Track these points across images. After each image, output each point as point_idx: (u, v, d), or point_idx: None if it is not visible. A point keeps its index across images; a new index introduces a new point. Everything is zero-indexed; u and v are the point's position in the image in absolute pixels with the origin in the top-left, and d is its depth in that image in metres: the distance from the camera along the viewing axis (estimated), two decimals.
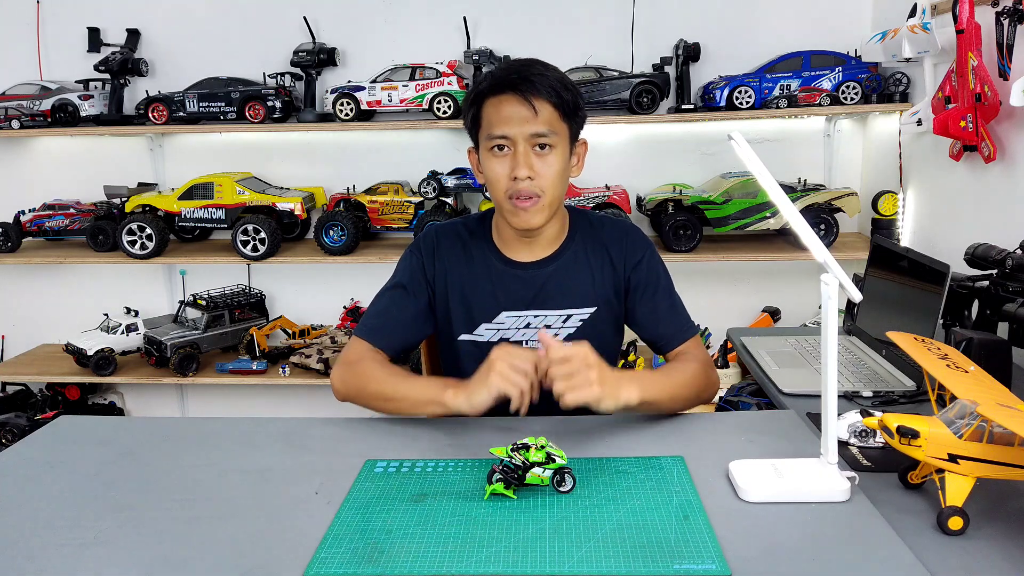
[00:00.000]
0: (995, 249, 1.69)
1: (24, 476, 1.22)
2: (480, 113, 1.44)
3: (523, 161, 1.40)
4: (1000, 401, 1.01)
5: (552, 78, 1.41)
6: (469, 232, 1.58)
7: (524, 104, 1.38)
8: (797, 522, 1.02)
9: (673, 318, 1.54)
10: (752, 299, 3.15)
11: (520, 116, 1.39)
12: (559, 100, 1.40)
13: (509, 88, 1.39)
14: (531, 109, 1.38)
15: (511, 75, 1.40)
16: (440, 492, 1.13)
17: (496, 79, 1.42)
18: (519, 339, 1.53)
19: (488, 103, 1.42)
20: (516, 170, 1.40)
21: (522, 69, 1.41)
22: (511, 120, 1.39)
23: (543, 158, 1.42)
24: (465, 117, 1.49)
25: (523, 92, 1.38)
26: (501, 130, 1.40)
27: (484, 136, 1.43)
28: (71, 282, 3.42)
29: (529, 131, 1.39)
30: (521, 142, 1.40)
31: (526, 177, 1.40)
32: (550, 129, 1.40)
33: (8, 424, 3.02)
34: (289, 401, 3.41)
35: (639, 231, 1.61)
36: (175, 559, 0.98)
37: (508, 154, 1.42)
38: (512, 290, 1.52)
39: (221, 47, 3.14)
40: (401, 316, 1.54)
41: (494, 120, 1.41)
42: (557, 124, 1.41)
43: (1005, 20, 1.88)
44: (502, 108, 1.40)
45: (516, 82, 1.39)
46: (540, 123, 1.40)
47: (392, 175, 3.15)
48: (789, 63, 2.81)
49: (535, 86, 1.39)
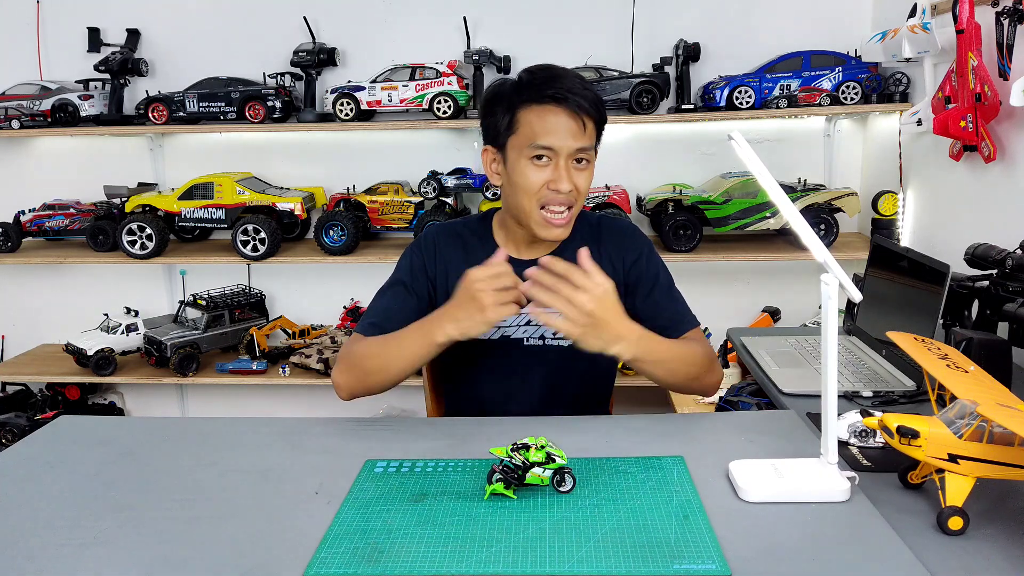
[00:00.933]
0: (995, 249, 1.69)
1: (24, 476, 1.22)
2: (516, 118, 1.42)
3: (566, 175, 1.40)
4: (1000, 401, 1.01)
5: (593, 93, 1.42)
6: (470, 231, 1.58)
7: (575, 119, 1.39)
8: (797, 522, 1.02)
9: (674, 311, 1.54)
10: (752, 299, 3.15)
11: (569, 130, 1.39)
12: (600, 117, 1.43)
13: (558, 100, 1.38)
14: (580, 124, 1.39)
15: (559, 87, 1.39)
16: (440, 492, 1.13)
17: (543, 88, 1.40)
18: (519, 335, 1.53)
19: (530, 110, 1.40)
20: (559, 183, 1.40)
21: (567, 81, 1.40)
22: (559, 132, 1.39)
23: (581, 172, 1.43)
24: (495, 118, 1.45)
25: (574, 107, 1.38)
26: (547, 141, 1.39)
27: (523, 143, 1.41)
28: (71, 282, 3.42)
29: (576, 145, 1.40)
30: (564, 155, 1.40)
31: (568, 191, 1.41)
32: (591, 144, 1.43)
33: (8, 424, 3.03)
34: (289, 401, 3.41)
35: (637, 230, 1.61)
36: (175, 559, 0.98)
37: (548, 164, 1.41)
38: None
39: (221, 47, 3.15)
40: (402, 314, 1.52)
41: (539, 130, 1.39)
42: (595, 139, 1.44)
43: (1005, 20, 1.88)
44: (548, 119, 1.39)
45: (566, 95, 1.38)
46: (586, 138, 1.41)
47: (392, 175, 3.15)
48: (789, 63, 2.81)
49: (586, 101, 1.39)
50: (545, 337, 1.52)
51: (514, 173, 1.44)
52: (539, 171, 1.41)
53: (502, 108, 1.44)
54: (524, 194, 1.43)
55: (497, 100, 1.45)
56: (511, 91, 1.43)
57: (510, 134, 1.43)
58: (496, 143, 1.47)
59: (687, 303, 1.57)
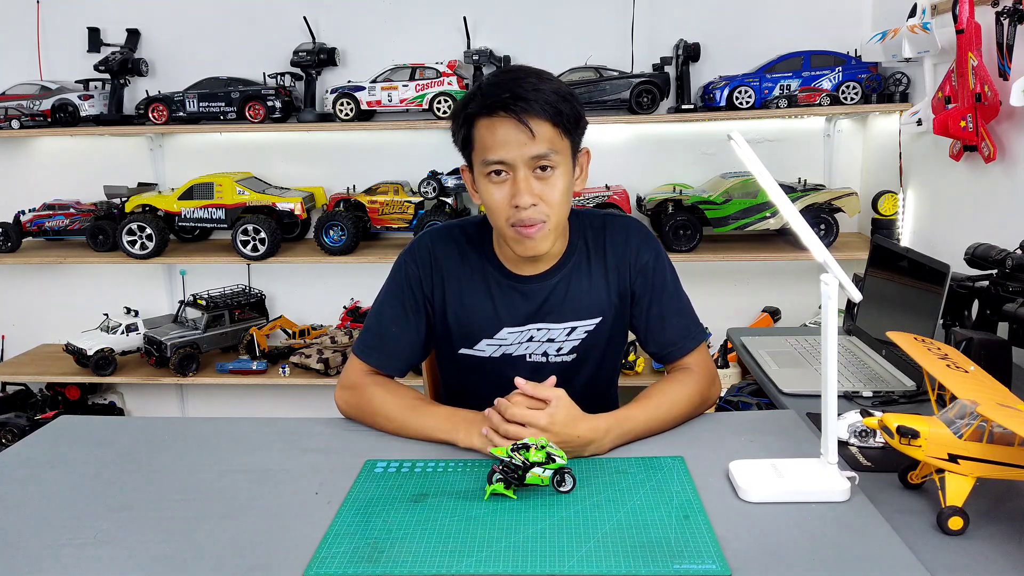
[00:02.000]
0: (995, 249, 1.69)
1: (24, 476, 1.22)
2: (471, 134, 1.32)
3: (524, 187, 1.28)
4: (1000, 401, 1.01)
5: (548, 91, 1.28)
6: (467, 239, 1.48)
7: (519, 126, 1.26)
8: (797, 522, 1.02)
9: (681, 328, 1.47)
10: (752, 299, 3.15)
11: (517, 139, 1.27)
12: (557, 117, 1.28)
13: (501, 108, 1.26)
14: (527, 131, 1.26)
15: (502, 93, 1.27)
16: (440, 492, 1.13)
17: (486, 98, 1.28)
18: (521, 352, 1.46)
19: (480, 124, 1.30)
20: (518, 198, 1.28)
21: (513, 85, 1.27)
22: (507, 144, 1.27)
23: (546, 180, 1.30)
24: (455, 136, 1.37)
25: (517, 113, 1.26)
26: (497, 155, 1.28)
27: (479, 160, 1.32)
28: (71, 282, 3.42)
29: (528, 154, 1.28)
30: (521, 167, 1.28)
31: (530, 205, 1.29)
32: (551, 149, 1.29)
33: (8, 424, 3.02)
34: (289, 401, 3.41)
35: (644, 230, 1.51)
36: (175, 559, 0.98)
37: (507, 179, 1.30)
38: (514, 305, 1.44)
39: (221, 47, 3.14)
40: (401, 336, 1.46)
41: (489, 144, 1.29)
42: (558, 142, 1.30)
43: (1005, 20, 1.88)
44: (496, 131, 1.28)
45: (508, 101, 1.26)
46: (539, 145, 1.28)
47: (392, 175, 3.15)
48: (789, 63, 2.81)
49: (530, 104, 1.26)
50: (548, 354, 1.47)
51: (480, 191, 1.35)
52: (499, 188, 1.31)
53: (457, 124, 1.35)
54: (492, 214, 1.34)
55: (455, 115, 1.35)
56: (462, 105, 1.33)
57: (470, 151, 1.35)
58: (467, 161, 1.39)
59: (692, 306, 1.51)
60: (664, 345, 1.48)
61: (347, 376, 1.46)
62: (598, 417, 1.26)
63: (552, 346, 1.46)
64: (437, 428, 1.31)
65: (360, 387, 1.42)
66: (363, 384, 1.42)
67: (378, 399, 1.39)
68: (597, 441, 1.24)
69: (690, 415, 1.39)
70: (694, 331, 1.48)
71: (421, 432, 1.32)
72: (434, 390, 1.79)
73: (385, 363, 1.47)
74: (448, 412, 1.33)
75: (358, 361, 1.47)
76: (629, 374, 2.92)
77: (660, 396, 1.36)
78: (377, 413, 1.37)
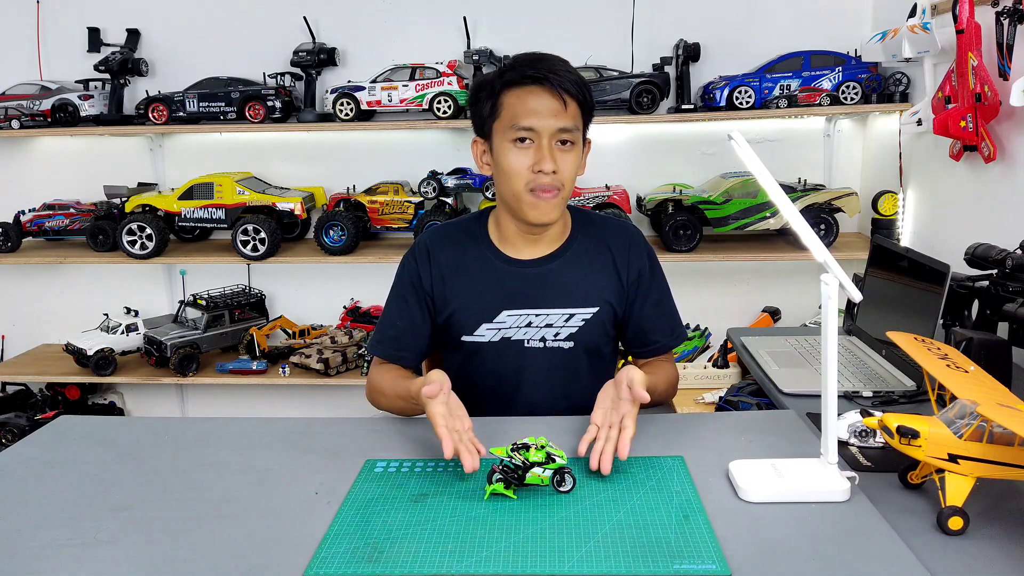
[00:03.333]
0: (995, 249, 1.69)
1: (24, 476, 1.23)
2: (499, 102, 1.41)
3: (548, 155, 1.38)
4: (1000, 401, 1.01)
5: (576, 75, 1.40)
6: (464, 232, 1.56)
7: (555, 97, 1.37)
8: (797, 522, 1.02)
9: (669, 328, 1.58)
10: (752, 299, 3.15)
11: (550, 109, 1.38)
12: (583, 97, 1.40)
13: (538, 80, 1.37)
14: (561, 103, 1.37)
15: (540, 67, 1.38)
16: (440, 492, 1.13)
17: (523, 70, 1.39)
18: (520, 337, 1.51)
19: (511, 93, 1.40)
20: (541, 163, 1.38)
21: (548, 62, 1.39)
22: (540, 112, 1.38)
23: (565, 154, 1.41)
24: (480, 106, 1.45)
25: (554, 85, 1.37)
26: (528, 121, 1.38)
27: (506, 126, 1.41)
28: (71, 282, 3.41)
29: (557, 125, 1.38)
30: (546, 136, 1.39)
31: (551, 171, 1.39)
32: (575, 125, 1.40)
33: (8, 424, 3.02)
34: (289, 401, 3.41)
35: (640, 234, 1.60)
36: (175, 559, 0.98)
37: (531, 147, 1.40)
38: (513, 288, 1.50)
39: (221, 47, 3.14)
40: (409, 329, 1.54)
41: (520, 111, 1.39)
42: (579, 121, 1.42)
43: (1005, 20, 1.88)
44: (529, 100, 1.38)
45: (546, 75, 1.37)
46: (568, 118, 1.39)
47: (392, 175, 3.15)
48: (789, 63, 2.81)
49: (564, 80, 1.37)
50: (546, 339, 1.51)
51: (499, 158, 1.43)
52: (522, 154, 1.40)
53: (485, 94, 1.44)
54: (510, 179, 1.42)
55: (481, 87, 1.45)
56: (494, 77, 1.43)
57: (494, 119, 1.43)
58: (483, 132, 1.47)
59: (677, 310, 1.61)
60: (651, 342, 1.58)
61: (369, 372, 1.58)
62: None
63: (550, 331, 1.51)
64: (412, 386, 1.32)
65: (371, 377, 1.54)
66: (373, 371, 1.55)
67: (376, 378, 1.52)
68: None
69: (668, 396, 1.58)
70: (678, 330, 1.60)
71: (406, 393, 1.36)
72: None
73: (394, 355, 1.55)
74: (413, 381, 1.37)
75: (375, 359, 1.57)
76: None
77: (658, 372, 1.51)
78: (375, 390, 1.51)
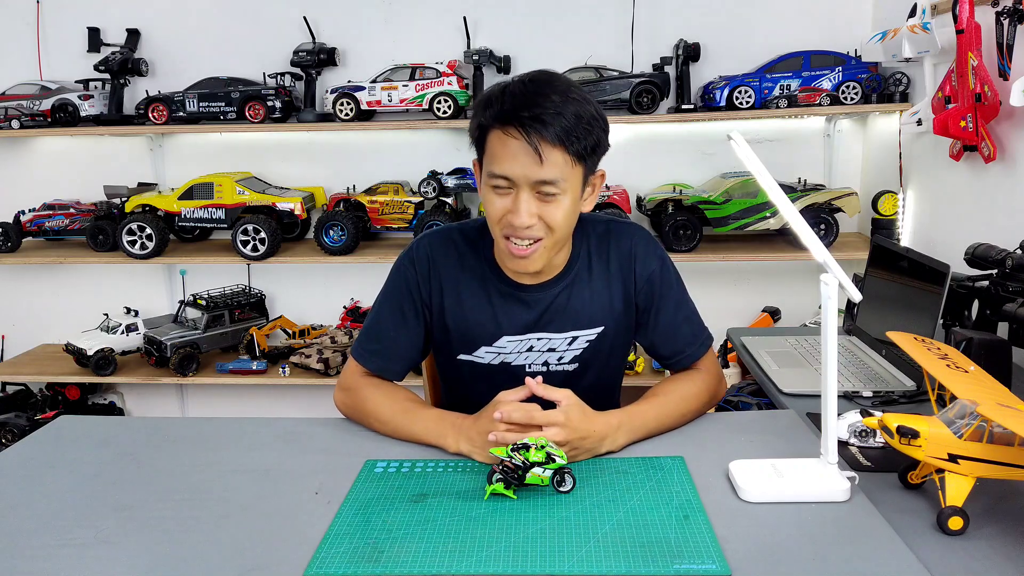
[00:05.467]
0: (995, 249, 1.69)
1: (24, 476, 1.22)
2: (484, 139, 1.29)
3: (524, 208, 1.25)
4: (1000, 401, 1.01)
5: (569, 116, 1.22)
6: (467, 242, 1.45)
7: (529, 149, 1.22)
8: (797, 522, 1.02)
9: (689, 335, 1.46)
10: (752, 299, 3.15)
11: (525, 160, 1.23)
12: (572, 144, 1.23)
13: (516, 124, 1.22)
14: (536, 157, 1.22)
15: (520, 110, 1.22)
16: (440, 492, 1.13)
17: (504, 109, 1.24)
18: (521, 362, 1.44)
19: (493, 133, 1.26)
20: (514, 217, 1.25)
21: (535, 102, 1.22)
22: (515, 161, 1.23)
23: (548, 204, 1.26)
24: (471, 132, 1.33)
25: (528, 135, 1.21)
26: (503, 169, 1.25)
27: (486, 168, 1.29)
28: (71, 282, 3.42)
29: (534, 177, 1.24)
30: (524, 186, 1.25)
31: (526, 226, 1.26)
32: (559, 176, 1.24)
33: (8, 424, 3.03)
34: (289, 401, 3.41)
35: (650, 236, 1.49)
36: (175, 559, 0.98)
37: (508, 194, 1.27)
38: (514, 314, 1.42)
39: (221, 47, 3.14)
40: (399, 339, 1.45)
41: (498, 155, 1.25)
42: (567, 170, 1.25)
43: (1005, 20, 1.88)
44: (507, 145, 1.23)
45: (525, 120, 1.21)
46: (547, 171, 1.23)
47: (392, 175, 3.15)
48: (789, 63, 2.81)
49: (546, 128, 1.21)
50: (549, 364, 1.45)
51: (483, 198, 1.32)
52: (500, 199, 1.27)
53: (474, 123, 1.31)
54: (490, 222, 1.32)
55: (475, 114, 1.31)
56: (482, 105, 1.28)
57: (481, 153, 1.32)
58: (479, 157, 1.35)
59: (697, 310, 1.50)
60: (675, 353, 1.48)
61: (345, 378, 1.46)
62: (608, 413, 1.28)
63: (553, 355, 1.44)
64: (426, 432, 1.30)
65: (356, 389, 1.42)
66: (359, 386, 1.42)
67: (372, 401, 1.38)
68: (611, 436, 1.25)
69: (698, 412, 1.40)
70: (702, 336, 1.48)
71: (411, 435, 1.32)
72: (434, 391, 1.79)
73: (382, 367, 1.46)
74: (437, 416, 1.32)
75: (355, 363, 1.46)
76: (629, 374, 2.91)
77: (669, 393, 1.38)
78: (371, 415, 1.38)
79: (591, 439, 1.23)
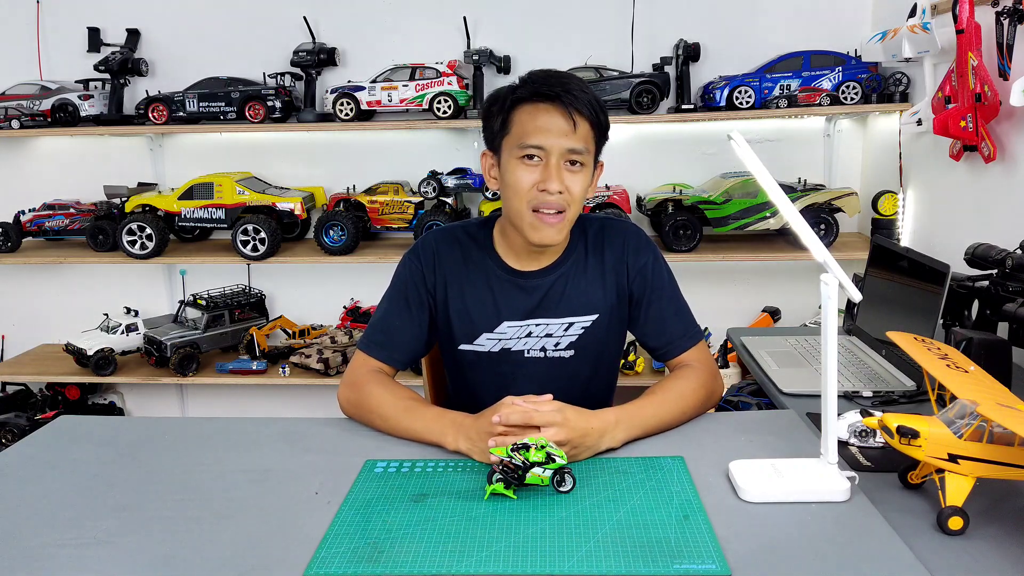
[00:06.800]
0: (995, 249, 1.69)
1: (24, 476, 1.23)
2: (510, 118, 1.39)
3: (555, 174, 1.35)
4: (1000, 401, 1.01)
5: (591, 95, 1.38)
6: (469, 238, 1.53)
7: (565, 117, 1.35)
8: (797, 522, 1.02)
9: (677, 325, 1.51)
10: (752, 299, 3.15)
11: (559, 128, 1.35)
12: (596, 119, 1.38)
13: (550, 98, 1.35)
14: (571, 123, 1.35)
15: (553, 86, 1.35)
16: (440, 492, 1.13)
17: (535, 86, 1.37)
18: (520, 348, 1.49)
19: (522, 110, 1.37)
20: (547, 183, 1.35)
21: (563, 80, 1.37)
22: (549, 131, 1.35)
23: (573, 175, 1.38)
24: (492, 120, 1.43)
25: (566, 104, 1.34)
26: (537, 140, 1.35)
27: (514, 144, 1.38)
28: (71, 282, 3.42)
29: (567, 145, 1.36)
30: (555, 155, 1.36)
31: (556, 192, 1.36)
32: (585, 147, 1.37)
33: (8, 424, 3.03)
34: (289, 401, 3.41)
35: (642, 233, 1.56)
36: (175, 559, 0.98)
37: (539, 165, 1.37)
38: (513, 300, 1.49)
39: (221, 47, 3.14)
40: (404, 329, 1.50)
41: (529, 128, 1.36)
42: (590, 143, 1.39)
43: (1005, 20, 1.88)
44: (539, 117, 1.36)
45: (559, 93, 1.34)
46: (577, 139, 1.36)
47: (392, 175, 3.15)
48: (789, 63, 2.81)
49: (578, 100, 1.35)
50: (547, 349, 1.50)
51: (506, 174, 1.41)
52: (529, 171, 1.37)
53: (497, 108, 1.41)
54: (515, 195, 1.39)
55: (494, 101, 1.43)
56: (507, 91, 1.41)
57: (504, 134, 1.41)
58: (493, 146, 1.45)
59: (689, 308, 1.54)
60: (664, 344, 1.52)
61: (350, 373, 1.48)
62: (604, 411, 1.29)
63: (550, 341, 1.49)
64: (426, 429, 1.31)
65: (361, 384, 1.43)
66: (364, 382, 1.44)
67: (375, 398, 1.40)
68: (610, 432, 1.26)
69: (697, 410, 1.41)
70: (692, 330, 1.53)
71: (411, 433, 1.33)
72: (434, 390, 1.79)
73: (388, 356, 1.50)
74: (437, 415, 1.34)
75: (362, 356, 1.50)
76: (629, 374, 2.92)
77: (666, 391, 1.39)
78: (373, 412, 1.39)
79: (591, 436, 1.23)
